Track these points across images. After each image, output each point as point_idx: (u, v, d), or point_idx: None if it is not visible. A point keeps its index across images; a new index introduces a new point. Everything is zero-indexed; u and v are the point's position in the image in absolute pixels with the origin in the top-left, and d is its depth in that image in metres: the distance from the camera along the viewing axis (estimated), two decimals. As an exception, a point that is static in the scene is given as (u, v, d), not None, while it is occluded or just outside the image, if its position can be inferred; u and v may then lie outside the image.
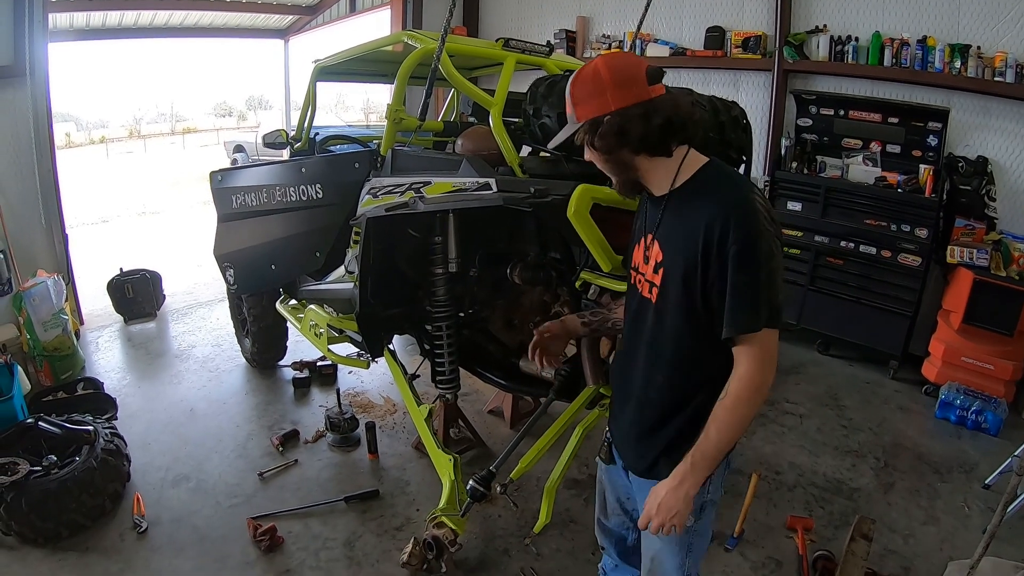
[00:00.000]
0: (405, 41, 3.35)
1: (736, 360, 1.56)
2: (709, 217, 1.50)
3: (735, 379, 1.55)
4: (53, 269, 5.19)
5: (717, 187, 1.58)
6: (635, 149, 1.59)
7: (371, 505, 3.34)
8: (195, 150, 28.86)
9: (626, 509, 2.04)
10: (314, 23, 10.71)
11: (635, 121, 1.54)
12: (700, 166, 1.62)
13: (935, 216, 4.88)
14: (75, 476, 3.03)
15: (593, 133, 1.59)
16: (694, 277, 1.54)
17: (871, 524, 3.01)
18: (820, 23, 5.60)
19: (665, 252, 1.63)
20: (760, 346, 1.52)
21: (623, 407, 1.87)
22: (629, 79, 1.55)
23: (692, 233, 1.53)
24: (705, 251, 1.51)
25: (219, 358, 5.12)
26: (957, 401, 4.44)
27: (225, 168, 4.57)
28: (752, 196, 1.53)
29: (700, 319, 1.58)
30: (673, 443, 1.69)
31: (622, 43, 6.90)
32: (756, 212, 1.49)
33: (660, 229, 1.65)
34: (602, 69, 1.57)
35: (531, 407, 4.15)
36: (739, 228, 1.47)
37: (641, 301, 1.73)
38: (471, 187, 2.59)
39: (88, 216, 11.51)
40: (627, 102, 1.54)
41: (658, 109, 1.55)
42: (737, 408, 1.54)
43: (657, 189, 1.66)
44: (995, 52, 4.83)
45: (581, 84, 1.61)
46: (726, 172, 1.65)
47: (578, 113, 1.62)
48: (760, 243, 1.47)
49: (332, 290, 3.67)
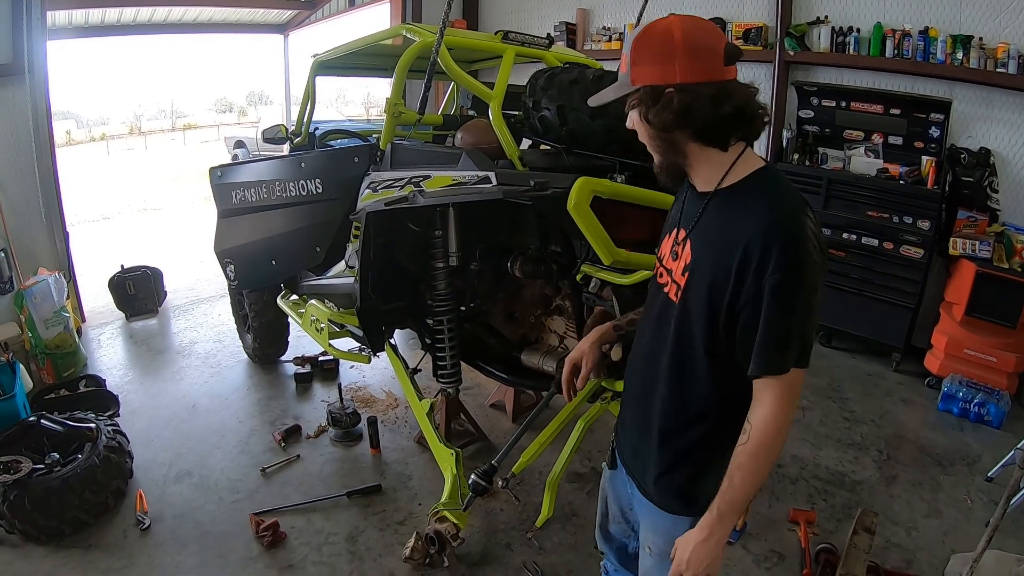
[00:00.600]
0: (404, 34, 3.34)
1: (758, 397, 1.42)
2: (752, 232, 1.33)
3: (757, 421, 1.41)
4: (54, 267, 5.19)
5: (767, 199, 1.40)
6: (694, 134, 1.41)
7: (373, 500, 3.34)
8: (196, 146, 28.90)
9: (628, 519, 1.92)
10: (313, 18, 10.71)
11: (704, 103, 1.35)
12: (754, 169, 1.44)
13: (937, 208, 4.85)
14: (78, 473, 3.04)
15: (650, 103, 1.39)
16: (722, 293, 1.39)
17: (874, 517, 3.01)
18: (821, 14, 5.57)
19: (695, 256, 1.47)
20: (787, 386, 1.39)
21: (631, 410, 1.77)
22: (705, 51, 1.35)
23: (730, 245, 1.36)
24: (740, 270, 1.34)
25: (221, 354, 5.12)
26: (960, 393, 4.43)
27: (224, 164, 4.58)
28: (804, 218, 1.36)
29: (720, 337, 1.44)
30: (672, 467, 1.61)
31: (623, 35, 6.88)
32: (805, 238, 1.33)
33: (696, 228, 1.49)
34: (676, 30, 1.35)
35: (533, 401, 4.14)
36: (784, 254, 1.30)
37: (665, 303, 1.57)
38: (471, 181, 2.58)
39: (89, 213, 11.52)
40: (696, 77, 1.35)
41: (730, 95, 1.37)
42: (759, 452, 1.41)
43: (701, 184, 1.50)
44: (997, 43, 4.80)
45: (646, 42, 1.39)
46: (781, 183, 1.45)
47: (634, 74, 1.41)
48: (804, 275, 1.32)
49: (333, 285, 3.67)
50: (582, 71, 2.72)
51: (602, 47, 7.04)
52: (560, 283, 3.10)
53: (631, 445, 1.76)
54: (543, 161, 2.81)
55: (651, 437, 1.63)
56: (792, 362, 1.37)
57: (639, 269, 2.39)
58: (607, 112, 2.49)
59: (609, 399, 2.97)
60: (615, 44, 6.94)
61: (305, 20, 10.87)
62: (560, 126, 2.67)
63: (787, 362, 1.36)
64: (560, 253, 2.85)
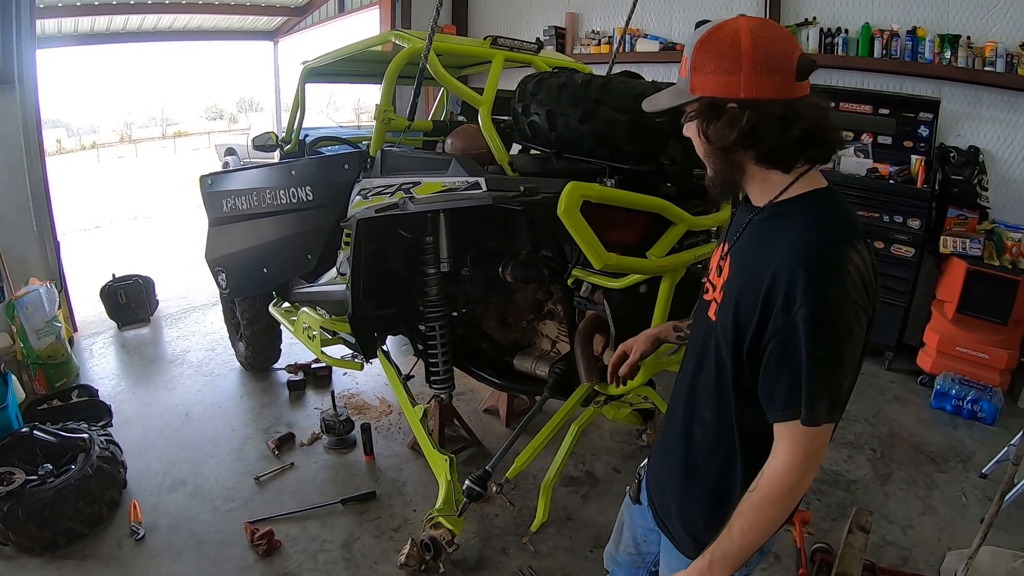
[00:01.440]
0: (393, 41, 3.34)
1: (775, 445, 1.26)
2: (782, 259, 1.18)
3: (769, 470, 1.25)
4: (45, 277, 5.16)
5: (809, 223, 1.23)
6: (756, 156, 1.27)
7: (368, 507, 3.33)
8: (186, 154, 28.81)
9: (640, 551, 1.80)
10: (303, 24, 10.73)
11: (771, 124, 1.20)
12: (810, 189, 1.29)
13: (927, 206, 4.88)
14: (71, 484, 3.02)
15: (710, 118, 1.25)
16: (748, 322, 1.24)
17: (869, 516, 3.01)
18: (810, 15, 5.61)
19: (732, 275, 1.33)
20: (807, 439, 1.21)
21: (666, 437, 1.62)
22: (775, 63, 1.19)
23: (761, 269, 1.22)
24: (767, 300, 1.19)
25: (213, 362, 5.10)
26: (953, 391, 4.45)
27: (215, 172, 4.56)
28: (847, 249, 1.18)
29: (744, 370, 1.29)
30: (693, 506, 1.49)
31: (611, 39, 6.90)
32: (843, 271, 1.15)
33: (738, 244, 1.36)
34: (744, 37, 1.20)
35: (527, 405, 4.13)
36: (813, 287, 1.14)
37: (708, 324, 1.40)
38: (461, 186, 2.59)
39: (80, 222, 11.45)
40: (764, 93, 1.19)
41: (800, 115, 1.21)
42: (764, 506, 1.25)
43: (757, 197, 1.35)
44: (985, 42, 4.84)
45: (711, 47, 1.24)
46: (831, 207, 1.29)
47: (694, 81, 1.26)
48: (834, 312, 1.15)
49: (324, 292, 3.67)
50: (571, 75, 2.72)
51: (591, 51, 7.05)
52: (552, 287, 3.10)
53: (657, 476, 1.65)
54: (533, 166, 2.81)
55: (679, 471, 1.52)
56: (816, 414, 1.19)
57: (630, 272, 2.40)
58: (596, 116, 2.52)
59: (602, 403, 2.97)
60: (604, 48, 6.97)
61: (295, 27, 10.89)
62: (549, 131, 2.68)
63: (808, 411, 1.18)
64: (551, 258, 2.85)
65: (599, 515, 3.26)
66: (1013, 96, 4.86)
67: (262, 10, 10.14)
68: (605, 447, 3.89)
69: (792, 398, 1.19)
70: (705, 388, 1.42)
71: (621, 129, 2.49)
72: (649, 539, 1.74)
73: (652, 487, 1.67)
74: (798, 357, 1.16)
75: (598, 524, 3.18)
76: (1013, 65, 4.74)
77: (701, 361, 1.43)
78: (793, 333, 1.15)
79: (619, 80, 2.72)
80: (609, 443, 3.94)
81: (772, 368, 1.21)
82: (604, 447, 3.89)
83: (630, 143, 2.52)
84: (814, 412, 1.18)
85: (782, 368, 1.19)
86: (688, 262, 2.54)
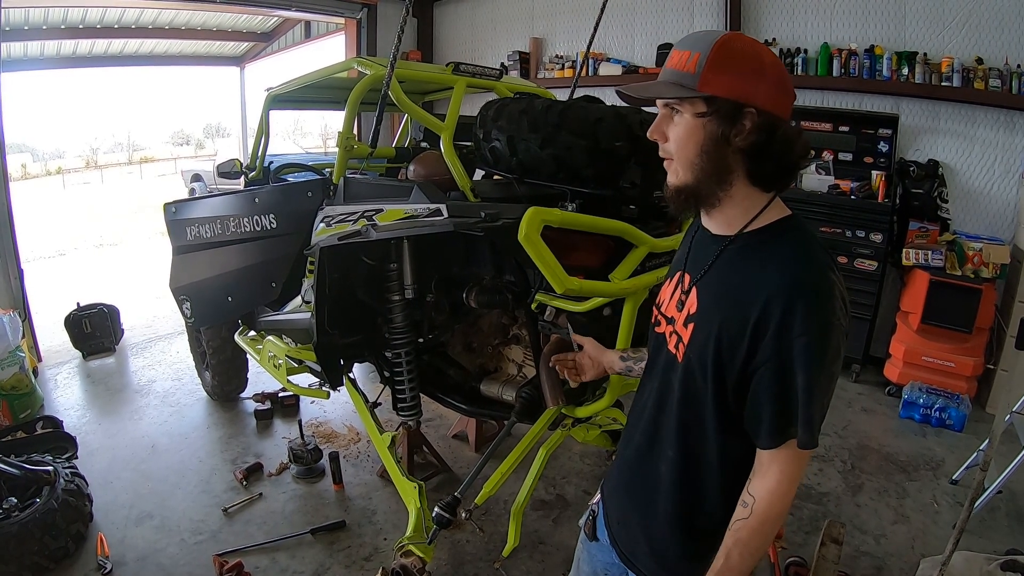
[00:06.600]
0: (356, 67, 3.34)
1: (765, 469, 1.26)
2: (775, 287, 1.19)
3: (763, 493, 1.26)
4: (8, 305, 5.07)
5: (794, 252, 1.25)
6: (749, 172, 1.26)
7: (338, 536, 3.28)
8: (152, 179, 28.58)
9: None
10: (270, 49, 10.74)
11: (777, 145, 1.22)
12: (780, 217, 1.30)
13: (889, 220, 4.97)
14: (36, 518, 2.95)
15: (726, 121, 1.22)
16: (734, 351, 1.24)
17: (841, 528, 3.02)
18: (769, 37, 5.72)
19: (702, 306, 1.33)
20: (798, 461, 1.25)
21: (625, 473, 1.60)
22: (788, 86, 1.24)
23: (746, 298, 1.22)
24: (757, 327, 1.20)
25: (180, 392, 5.02)
26: (920, 400, 4.52)
27: (178, 200, 4.51)
28: (832, 275, 1.23)
29: (728, 400, 1.29)
30: (668, 540, 1.46)
31: (575, 63, 6.96)
32: (833, 298, 1.20)
33: (707, 276, 1.34)
34: (765, 53, 1.22)
35: (495, 430, 4.12)
36: (812, 317, 1.17)
37: (668, 359, 1.41)
38: (423, 213, 2.58)
39: (44, 249, 11.29)
40: (777, 110, 1.21)
41: (792, 139, 1.24)
42: (764, 530, 1.27)
43: (719, 226, 1.34)
44: (941, 58, 4.97)
45: (734, 49, 1.21)
46: (809, 235, 1.30)
47: (708, 79, 1.20)
48: (831, 340, 1.18)
49: (290, 320, 3.63)
50: (531, 101, 2.73)
51: (555, 75, 7.13)
52: (516, 312, 3.10)
53: (620, 511, 1.61)
54: (495, 191, 2.81)
55: (647, 505, 1.49)
56: (813, 436, 1.21)
57: (593, 296, 2.40)
58: (556, 141, 2.53)
59: (570, 426, 2.96)
60: (568, 72, 7.05)
61: (261, 52, 10.89)
62: (510, 156, 2.68)
63: (806, 433, 1.20)
64: (514, 282, 2.85)
65: (571, 538, 3.23)
66: (970, 109, 4.99)
67: (229, 35, 10.13)
68: (575, 469, 3.88)
69: (784, 422, 1.21)
70: (667, 425, 1.41)
71: (581, 153, 2.50)
72: (611, 572, 1.69)
73: (613, 525, 1.63)
74: (792, 383, 1.18)
75: (570, 547, 3.12)
76: (969, 80, 4.87)
77: (664, 395, 1.43)
78: (787, 360, 1.18)
79: (579, 105, 2.74)
80: (579, 465, 3.93)
81: (762, 394, 1.23)
82: (574, 469, 3.88)
83: (590, 167, 2.52)
84: (812, 434, 1.21)
85: (774, 394, 1.21)
86: (651, 284, 2.54)
